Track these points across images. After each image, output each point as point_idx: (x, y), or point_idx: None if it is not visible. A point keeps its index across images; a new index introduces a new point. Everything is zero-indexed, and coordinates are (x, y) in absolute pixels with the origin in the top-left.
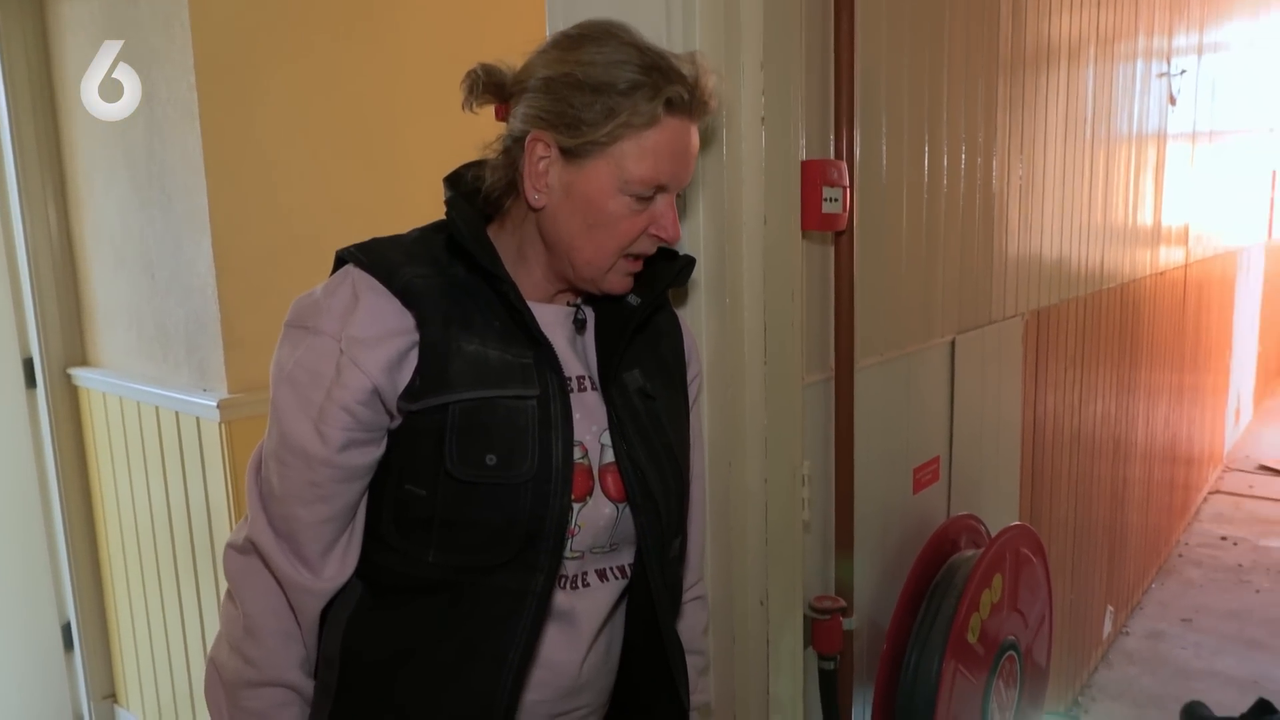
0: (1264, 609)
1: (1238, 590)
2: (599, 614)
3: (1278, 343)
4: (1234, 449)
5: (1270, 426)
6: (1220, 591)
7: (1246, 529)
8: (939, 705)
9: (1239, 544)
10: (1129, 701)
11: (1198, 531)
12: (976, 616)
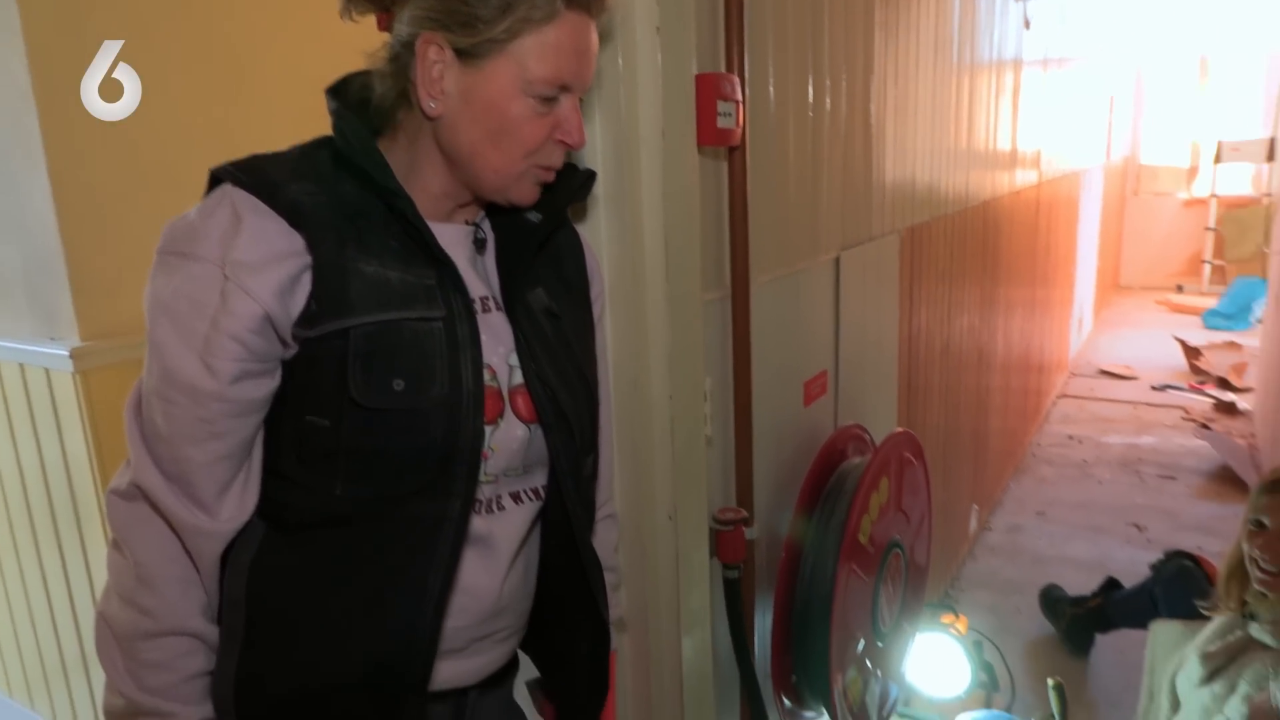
0: (1106, 499)
1: (1084, 483)
2: (516, 537)
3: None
4: (1077, 356)
5: (1107, 335)
6: (1069, 485)
7: (1090, 428)
8: (835, 604)
9: (1084, 442)
10: (993, 590)
11: (1048, 433)
12: (866, 519)
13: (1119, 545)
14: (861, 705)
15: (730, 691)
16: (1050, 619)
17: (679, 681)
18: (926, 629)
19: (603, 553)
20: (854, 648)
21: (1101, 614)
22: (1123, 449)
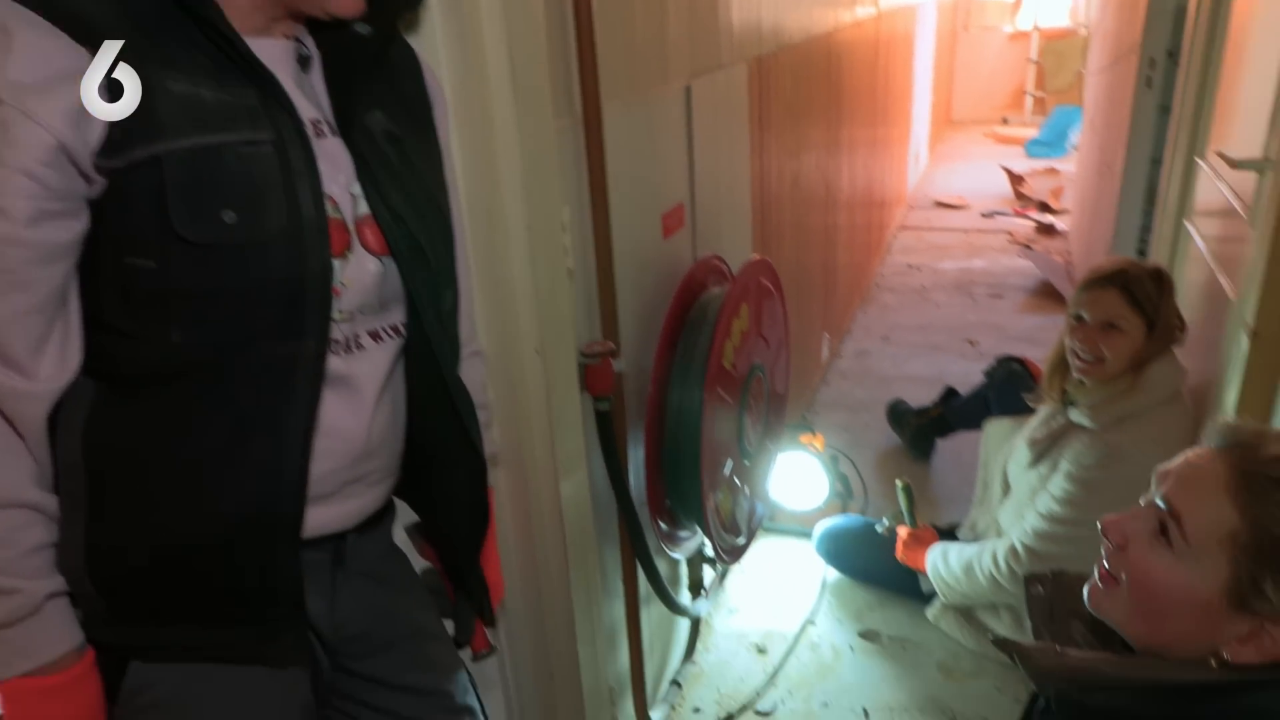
0: (943, 320)
1: (923, 307)
2: (378, 376)
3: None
4: (915, 190)
5: (941, 168)
6: (909, 310)
7: (927, 257)
8: (704, 428)
9: (922, 269)
10: (846, 410)
11: (890, 263)
12: (729, 344)
13: (955, 360)
14: (732, 521)
15: (609, 520)
16: (896, 430)
17: (558, 513)
18: (787, 448)
19: (472, 390)
20: (723, 468)
21: (942, 420)
22: (957, 273)
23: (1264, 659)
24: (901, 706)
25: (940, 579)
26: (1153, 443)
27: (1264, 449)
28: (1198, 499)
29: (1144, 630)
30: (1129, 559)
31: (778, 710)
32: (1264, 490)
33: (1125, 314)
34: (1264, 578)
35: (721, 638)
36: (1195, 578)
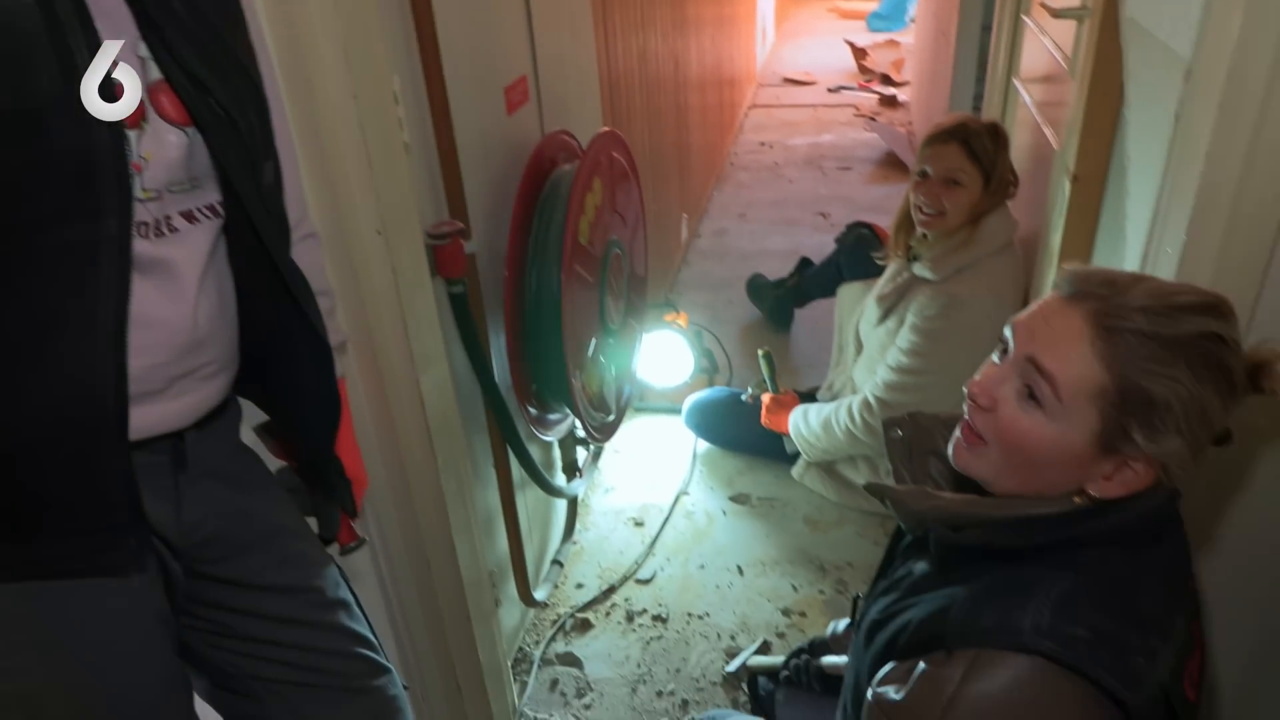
0: (796, 194)
1: (776, 184)
2: (198, 260)
3: None
4: (763, 67)
5: (788, 45)
6: (763, 187)
7: (778, 134)
8: (564, 307)
9: (774, 146)
10: (707, 288)
11: (743, 142)
12: (584, 219)
13: (809, 233)
14: (600, 400)
15: (475, 406)
16: (756, 304)
17: (419, 402)
18: (652, 328)
19: (310, 275)
20: (587, 348)
21: (798, 290)
22: (807, 148)
23: (1127, 491)
24: (772, 560)
25: (802, 438)
26: (988, 291)
27: (1118, 298)
28: (1065, 358)
29: (1013, 482)
30: (999, 421)
31: (657, 577)
32: (1126, 343)
33: (965, 168)
34: (1130, 424)
35: (600, 515)
36: (1066, 432)
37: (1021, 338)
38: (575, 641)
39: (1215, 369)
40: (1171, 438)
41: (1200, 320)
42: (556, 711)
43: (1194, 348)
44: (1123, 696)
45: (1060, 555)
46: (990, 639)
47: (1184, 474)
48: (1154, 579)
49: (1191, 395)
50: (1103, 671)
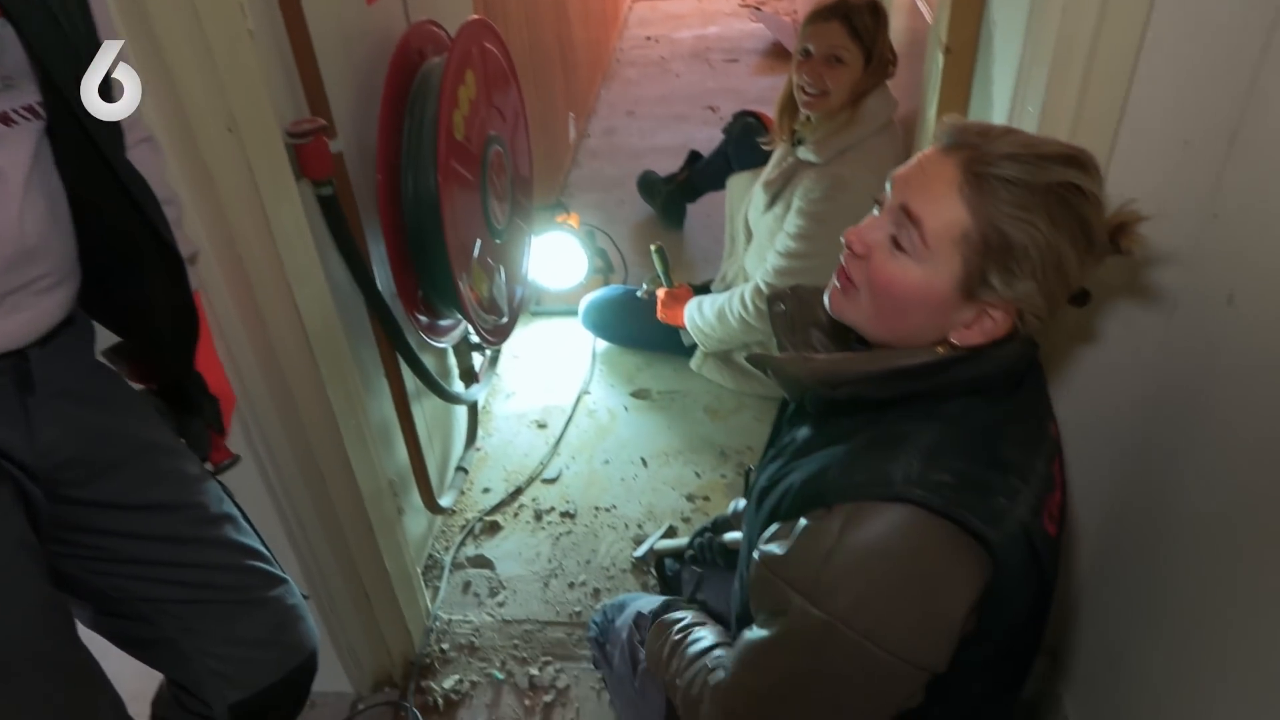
0: (683, 89)
1: (664, 79)
2: (20, 166)
3: None
4: None
5: None
6: (651, 83)
7: (664, 28)
8: (444, 208)
9: (660, 41)
10: (599, 188)
11: (628, 37)
12: (458, 114)
13: (698, 127)
14: (491, 302)
15: (359, 320)
16: (648, 201)
17: (294, 312)
18: (544, 230)
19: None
20: (472, 250)
21: (689, 185)
22: (693, 41)
23: (985, 339)
24: (675, 450)
25: (698, 329)
26: (870, 171)
27: (988, 147)
28: (933, 204)
29: (882, 328)
30: (870, 266)
31: (563, 475)
32: (992, 189)
33: (846, 45)
34: (990, 270)
35: (502, 420)
36: (931, 277)
37: (898, 188)
38: (485, 544)
39: (1073, 219)
40: (1026, 283)
41: (1061, 170)
42: (471, 612)
43: (1053, 196)
44: (986, 535)
45: (927, 408)
46: (865, 491)
47: (1039, 324)
48: (1014, 425)
49: (1048, 243)
50: (967, 513)
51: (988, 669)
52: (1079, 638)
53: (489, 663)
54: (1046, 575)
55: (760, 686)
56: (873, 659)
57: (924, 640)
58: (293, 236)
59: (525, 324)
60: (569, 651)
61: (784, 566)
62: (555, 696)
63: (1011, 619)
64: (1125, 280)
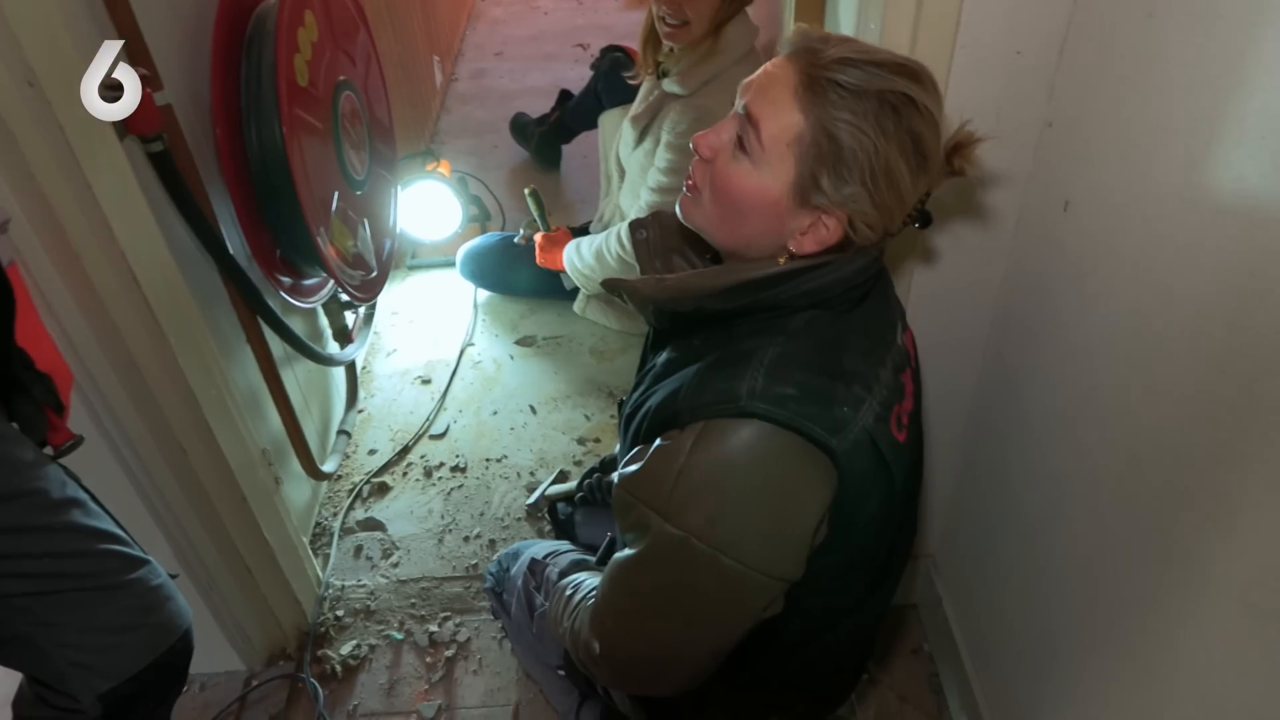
0: (552, 27)
1: (532, 18)
2: None
3: None
4: None
5: None
6: (519, 23)
7: None
8: (293, 160)
9: None
10: (470, 134)
11: None
12: (299, 58)
13: (569, 66)
14: (357, 257)
15: (212, 285)
16: (522, 143)
17: (133, 281)
18: (412, 179)
19: None
20: (330, 202)
21: (561, 125)
22: None
23: (820, 247)
24: (563, 395)
25: (577, 271)
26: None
27: (826, 52)
28: (771, 105)
29: (725, 233)
30: (714, 169)
31: (451, 429)
32: (823, 91)
33: None
34: (821, 173)
35: (384, 379)
36: (768, 179)
37: (743, 93)
38: (375, 506)
39: (903, 130)
40: (855, 187)
41: (894, 79)
42: (364, 576)
43: (885, 105)
44: (830, 444)
45: (772, 324)
46: (713, 410)
47: (872, 235)
48: (859, 336)
49: (876, 149)
50: (810, 424)
51: (845, 575)
52: (953, 542)
53: (387, 624)
54: (895, 481)
55: (627, 603)
56: (728, 571)
57: (776, 551)
58: (120, 199)
59: (401, 278)
60: (468, 605)
61: (639, 486)
62: (457, 650)
63: (864, 525)
64: (969, 199)
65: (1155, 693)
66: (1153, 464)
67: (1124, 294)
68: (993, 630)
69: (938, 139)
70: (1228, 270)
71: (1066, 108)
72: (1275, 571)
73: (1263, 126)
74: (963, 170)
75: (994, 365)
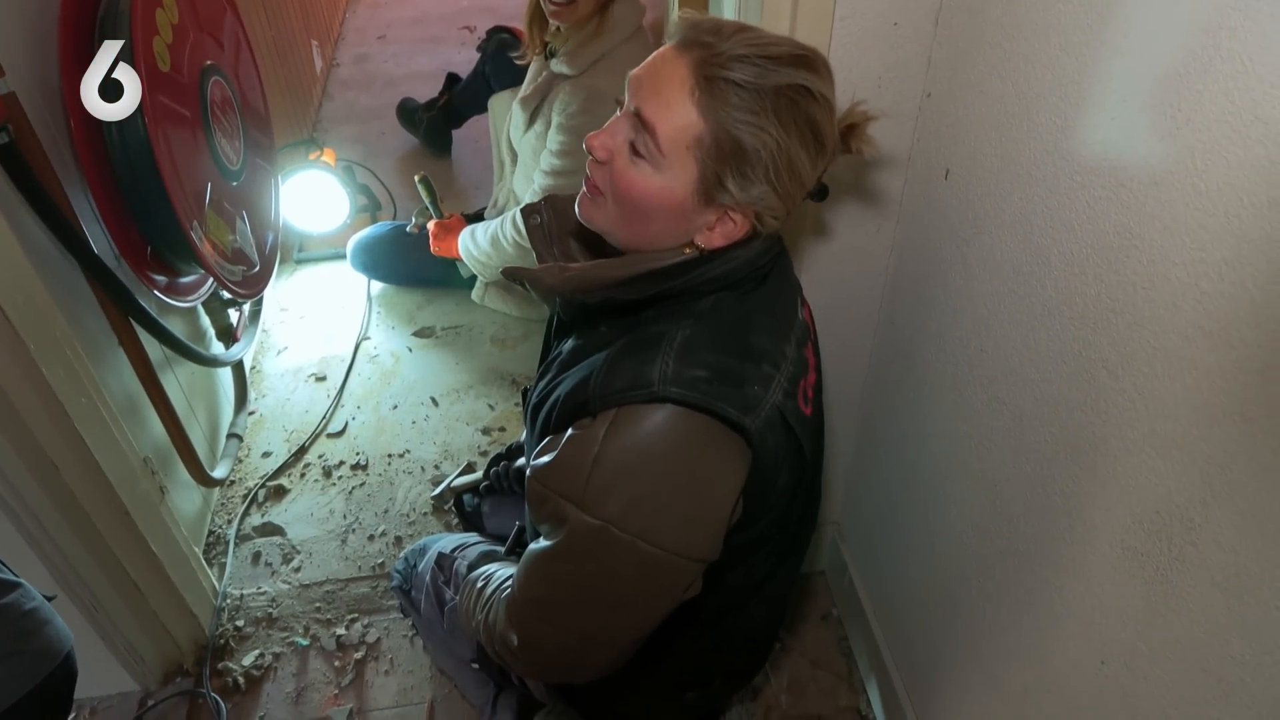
0: (436, 9)
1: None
2: None
3: None
4: None
5: None
6: (401, 5)
7: None
8: (158, 151)
9: None
10: (355, 120)
11: None
12: (159, 40)
13: (456, 49)
14: (236, 252)
15: (77, 287)
16: (410, 129)
17: None
18: (295, 170)
19: None
20: (204, 195)
21: (450, 109)
22: None
23: (727, 241)
24: (465, 385)
25: (474, 259)
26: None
27: (720, 46)
28: (666, 109)
29: (629, 233)
30: (613, 173)
31: (349, 427)
32: (723, 93)
33: None
34: (725, 174)
35: (276, 379)
36: (670, 182)
37: (633, 90)
38: (272, 510)
39: (803, 120)
40: (761, 186)
41: (791, 72)
42: (264, 583)
43: (783, 99)
44: (743, 423)
45: (680, 308)
46: (625, 396)
47: (777, 223)
48: (763, 315)
49: (779, 145)
50: (724, 405)
51: (760, 548)
52: (857, 508)
53: (291, 631)
54: (805, 454)
55: (545, 593)
56: (648, 557)
57: (695, 533)
58: None
59: (289, 273)
60: (376, 605)
61: (553, 477)
62: (366, 652)
63: (776, 500)
64: (857, 172)
65: (1047, 637)
66: (1035, 420)
67: (1004, 256)
68: (898, 591)
69: (833, 121)
70: (1097, 230)
71: (944, 78)
72: (1149, 515)
73: (1123, 90)
74: (859, 150)
75: (886, 332)
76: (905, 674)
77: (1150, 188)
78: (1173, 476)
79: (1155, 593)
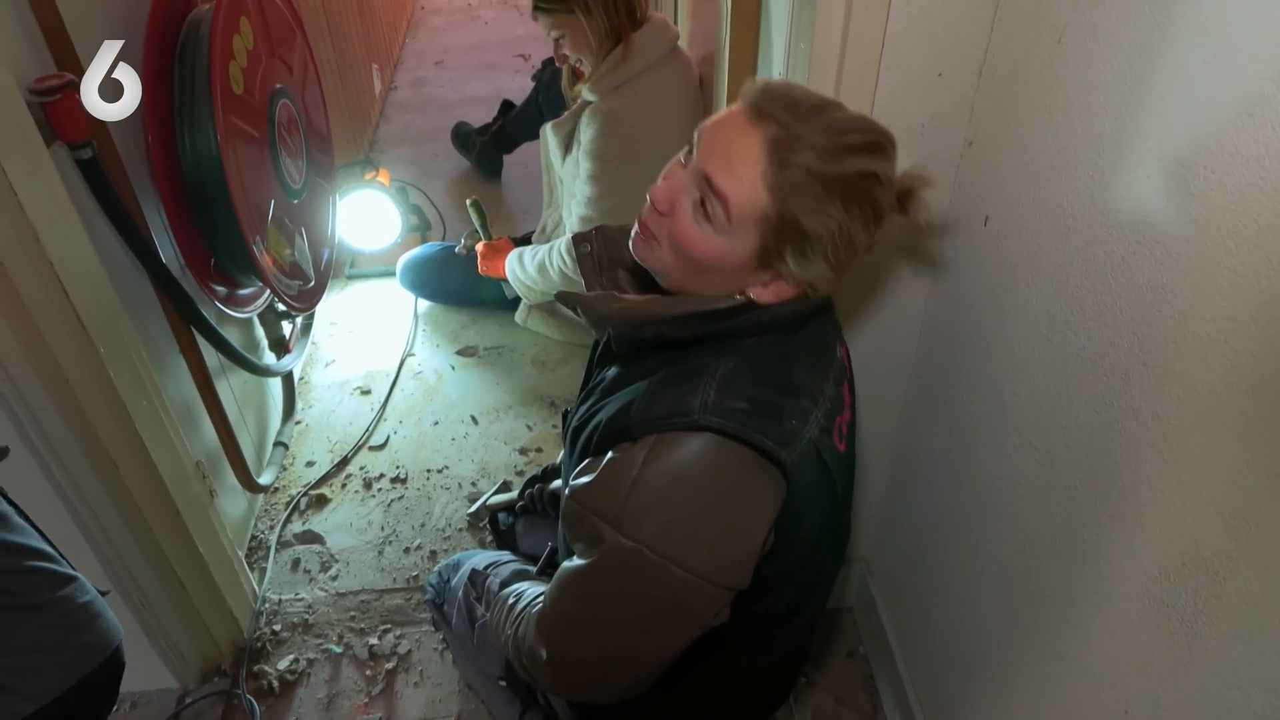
0: (493, 36)
1: (472, 26)
2: None
3: None
4: None
5: None
6: (460, 31)
7: None
8: (228, 167)
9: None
10: (410, 142)
11: None
12: (235, 65)
13: (510, 76)
14: (294, 267)
15: (144, 295)
16: (463, 153)
17: (61, 291)
18: (351, 189)
19: None
20: (266, 212)
21: (503, 135)
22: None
23: (778, 299)
24: (504, 405)
25: (520, 282)
26: (642, 104)
27: (796, 129)
28: (737, 183)
29: (682, 280)
30: (674, 226)
31: (391, 440)
32: (795, 180)
33: (551, 23)
34: (785, 249)
35: (323, 390)
36: (732, 246)
37: (704, 149)
38: (313, 519)
39: (868, 205)
40: (819, 264)
41: (863, 161)
42: (302, 589)
43: (852, 187)
44: (779, 456)
45: (724, 345)
46: (666, 423)
47: (828, 289)
48: (804, 353)
49: (841, 229)
50: (761, 436)
51: (788, 580)
52: (887, 547)
53: (325, 638)
54: (836, 490)
55: (576, 610)
56: (679, 581)
57: (726, 560)
58: (48, 207)
59: (340, 288)
60: (408, 617)
61: (592, 498)
62: (397, 663)
63: (807, 533)
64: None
65: (1073, 684)
66: (1066, 466)
67: (1040, 304)
68: (924, 631)
69: (891, 192)
70: (1130, 283)
71: (985, 128)
72: (1175, 566)
73: (1159, 149)
74: (915, 215)
75: (921, 373)
76: (929, 713)
77: (1183, 245)
78: (1199, 528)
79: (1179, 644)
